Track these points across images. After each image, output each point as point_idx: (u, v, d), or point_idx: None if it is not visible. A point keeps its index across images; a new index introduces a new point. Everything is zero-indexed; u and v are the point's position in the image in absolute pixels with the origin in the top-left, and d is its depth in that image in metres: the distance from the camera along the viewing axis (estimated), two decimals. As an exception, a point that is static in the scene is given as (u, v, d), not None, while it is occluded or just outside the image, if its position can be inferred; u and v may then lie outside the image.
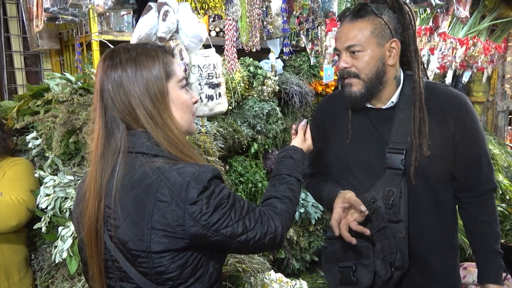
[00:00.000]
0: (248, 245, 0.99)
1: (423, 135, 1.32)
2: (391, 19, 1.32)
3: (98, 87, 0.99)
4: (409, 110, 1.35)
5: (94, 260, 0.98)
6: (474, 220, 1.42)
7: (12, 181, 1.70)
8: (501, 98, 4.61)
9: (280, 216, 1.07)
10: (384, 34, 1.30)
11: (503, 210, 3.23)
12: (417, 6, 2.67)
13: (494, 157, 3.69)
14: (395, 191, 1.33)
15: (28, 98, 2.05)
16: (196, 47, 1.67)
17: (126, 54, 1.00)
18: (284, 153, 1.28)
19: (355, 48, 1.30)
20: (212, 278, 1.01)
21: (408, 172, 1.33)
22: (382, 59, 1.32)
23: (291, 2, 2.17)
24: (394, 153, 1.34)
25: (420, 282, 1.40)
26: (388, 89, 1.37)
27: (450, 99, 1.37)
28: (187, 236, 0.92)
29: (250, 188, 2.71)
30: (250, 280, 1.89)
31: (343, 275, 1.36)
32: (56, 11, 1.95)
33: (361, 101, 1.36)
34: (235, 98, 2.84)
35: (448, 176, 1.39)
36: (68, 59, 2.80)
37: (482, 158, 1.39)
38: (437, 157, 1.33)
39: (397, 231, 1.32)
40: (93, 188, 0.97)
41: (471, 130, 1.36)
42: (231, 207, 0.96)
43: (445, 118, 1.34)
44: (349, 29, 1.31)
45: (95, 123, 1.00)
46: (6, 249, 1.67)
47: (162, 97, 0.99)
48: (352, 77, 1.33)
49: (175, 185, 0.91)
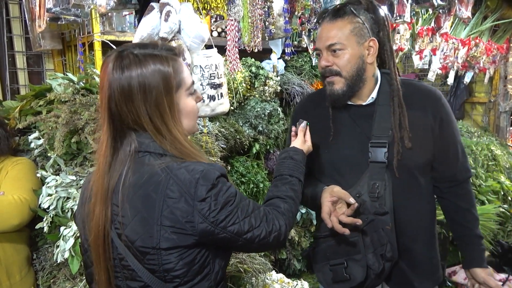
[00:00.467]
0: (254, 243, 1.00)
1: (404, 128, 1.37)
2: (368, 20, 1.37)
3: (106, 96, 0.96)
4: (388, 106, 1.40)
5: (102, 260, 0.98)
6: (455, 208, 1.50)
7: (14, 181, 1.70)
8: (503, 99, 4.60)
9: (283, 215, 1.09)
10: (362, 33, 1.35)
11: (504, 211, 3.22)
12: (419, 6, 2.67)
13: (496, 158, 3.68)
14: (380, 183, 1.37)
15: (30, 98, 2.06)
16: (198, 47, 1.68)
17: (135, 61, 0.96)
18: (285, 154, 1.31)
19: (336, 46, 1.34)
20: (218, 276, 1.02)
21: (391, 164, 1.37)
22: (362, 57, 1.36)
23: (293, 2, 2.18)
24: (377, 147, 1.38)
25: (408, 272, 1.43)
26: (367, 87, 1.42)
27: (426, 93, 1.44)
28: (196, 232, 0.94)
29: (252, 188, 2.71)
30: (252, 281, 1.89)
31: (335, 272, 1.37)
32: (59, 11, 1.96)
33: (343, 98, 1.40)
34: (236, 99, 2.84)
35: (428, 167, 1.45)
36: (70, 59, 2.80)
37: (459, 148, 1.46)
38: (418, 148, 1.38)
39: (385, 223, 1.35)
40: (101, 187, 0.97)
41: (447, 121, 1.42)
42: (237, 205, 0.98)
43: (423, 111, 1.40)
44: (330, 29, 1.35)
45: (103, 127, 0.99)
46: (8, 248, 1.68)
47: (171, 111, 0.99)
48: (334, 75, 1.37)
49: (184, 182, 0.92)
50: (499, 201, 3.29)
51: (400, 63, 4.82)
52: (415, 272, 1.44)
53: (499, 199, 3.35)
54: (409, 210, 1.41)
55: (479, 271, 1.48)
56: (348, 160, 1.43)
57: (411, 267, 1.43)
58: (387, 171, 1.38)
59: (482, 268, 1.48)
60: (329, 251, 1.41)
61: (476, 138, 4.07)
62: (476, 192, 3.30)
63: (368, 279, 1.34)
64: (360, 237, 1.35)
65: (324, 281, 1.42)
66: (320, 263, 1.44)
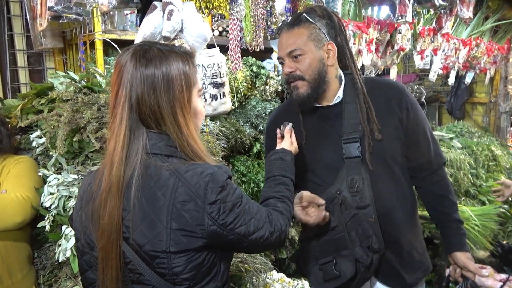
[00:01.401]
0: (258, 244, 1.01)
1: (372, 121, 1.42)
2: (324, 25, 1.43)
3: (128, 86, 0.96)
4: (355, 103, 1.45)
5: (113, 263, 0.96)
6: (433, 195, 1.55)
7: (17, 179, 1.70)
8: (504, 99, 4.60)
9: (282, 214, 1.11)
10: (319, 38, 1.41)
11: (505, 212, 3.22)
12: (421, 6, 2.67)
13: (497, 158, 3.68)
14: (357, 178, 1.41)
15: (32, 97, 2.05)
16: (201, 46, 1.68)
17: (159, 55, 0.97)
18: (275, 156, 1.32)
19: (296, 52, 1.40)
20: (224, 277, 1.02)
21: (365, 158, 1.41)
22: (322, 60, 1.41)
23: (295, 2, 2.18)
24: (349, 142, 1.42)
25: (395, 263, 1.45)
26: (332, 88, 1.46)
27: (389, 86, 1.49)
28: (205, 235, 0.94)
29: (252, 188, 2.71)
30: (253, 280, 1.89)
31: (325, 271, 1.39)
32: (60, 10, 1.96)
33: (309, 101, 1.44)
34: (237, 98, 2.84)
35: (402, 157, 1.48)
36: (71, 57, 2.80)
37: (429, 136, 1.50)
38: (389, 138, 1.43)
39: (367, 216, 1.39)
40: (116, 180, 0.95)
41: (413, 110, 1.46)
42: (244, 207, 0.99)
43: (388, 103, 1.45)
44: (288, 37, 1.42)
45: (120, 123, 0.96)
46: (10, 247, 1.68)
47: (190, 105, 1.00)
48: (298, 80, 1.42)
49: (194, 186, 0.92)
50: (500, 202, 3.29)
51: (401, 63, 4.82)
52: (403, 263, 1.46)
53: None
54: (388, 200, 1.44)
55: (459, 255, 1.51)
56: (323, 161, 1.47)
57: (398, 258, 1.46)
58: (363, 165, 1.41)
59: (462, 252, 1.52)
60: (317, 251, 1.43)
61: (476, 138, 4.07)
62: (477, 192, 3.31)
63: (358, 273, 1.36)
64: (346, 232, 1.38)
65: (315, 282, 1.43)
66: (309, 264, 1.45)
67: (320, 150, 1.47)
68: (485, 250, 2.85)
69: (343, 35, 1.46)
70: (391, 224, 1.44)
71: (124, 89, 0.96)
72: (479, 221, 2.75)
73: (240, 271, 1.85)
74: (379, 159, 1.42)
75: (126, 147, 0.96)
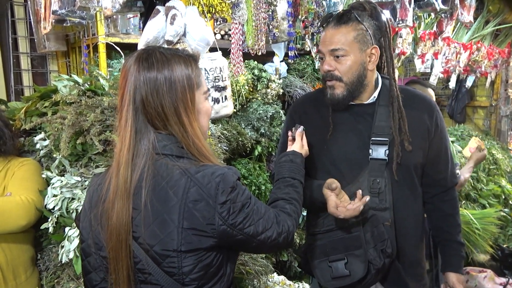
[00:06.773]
0: (266, 244, 1.02)
1: (403, 132, 1.41)
2: (371, 26, 1.38)
3: (132, 89, 0.99)
4: (388, 107, 1.43)
5: (123, 263, 0.97)
6: (440, 213, 1.54)
7: (21, 181, 1.71)
8: (505, 103, 4.60)
9: (290, 216, 1.12)
10: (365, 40, 1.37)
11: (505, 215, 3.23)
12: (422, 10, 2.68)
13: (497, 162, 3.69)
14: (380, 180, 1.39)
15: (35, 99, 2.07)
16: (203, 50, 1.69)
17: (162, 58, 1.00)
18: (286, 158, 1.33)
19: (339, 52, 1.36)
20: (230, 278, 1.04)
21: (390, 163, 1.40)
22: (363, 63, 1.38)
23: (296, 6, 2.19)
24: (378, 144, 1.41)
25: (402, 272, 1.45)
26: (368, 90, 1.45)
27: (423, 98, 1.51)
28: (216, 235, 0.96)
29: (254, 190, 2.72)
30: (254, 283, 1.90)
31: (335, 268, 1.39)
32: (64, 14, 1.98)
33: (343, 102, 1.42)
34: (239, 101, 2.86)
35: (422, 169, 1.48)
36: (74, 61, 2.82)
37: (448, 153, 1.52)
38: (416, 149, 1.43)
39: (384, 219, 1.39)
40: (123, 182, 0.97)
41: (441, 126, 1.48)
42: (252, 207, 1.00)
43: (420, 114, 1.46)
44: (334, 34, 1.37)
45: (125, 125, 0.99)
46: (14, 249, 1.69)
47: (193, 106, 1.02)
48: (335, 80, 1.40)
49: (206, 186, 0.94)
50: (500, 205, 3.30)
51: (402, 66, 4.83)
52: (407, 273, 1.46)
53: (500, 203, 3.36)
54: (405, 209, 1.44)
55: (452, 275, 1.53)
56: (347, 157, 1.45)
57: (404, 267, 1.45)
58: (386, 169, 1.40)
59: (456, 273, 1.53)
60: (328, 247, 1.42)
61: (477, 142, 4.07)
62: (477, 195, 3.31)
63: (369, 274, 1.35)
64: (362, 232, 1.37)
65: (321, 278, 1.42)
66: (318, 259, 1.44)
67: (346, 146, 1.45)
68: (485, 253, 2.85)
69: (387, 38, 1.42)
70: (402, 232, 1.44)
71: (129, 92, 0.99)
72: (479, 224, 2.76)
73: (241, 273, 1.86)
74: (404, 168, 1.42)
75: (132, 149, 0.98)
